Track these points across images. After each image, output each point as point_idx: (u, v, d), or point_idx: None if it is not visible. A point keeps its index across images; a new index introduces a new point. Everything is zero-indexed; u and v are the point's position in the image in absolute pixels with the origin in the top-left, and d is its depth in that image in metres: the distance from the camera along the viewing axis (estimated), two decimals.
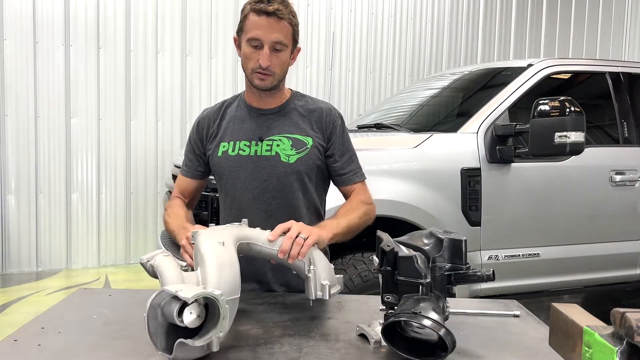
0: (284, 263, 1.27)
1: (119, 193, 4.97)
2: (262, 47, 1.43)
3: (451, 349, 0.98)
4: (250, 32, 1.44)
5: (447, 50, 6.42)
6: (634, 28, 7.60)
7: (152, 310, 0.95)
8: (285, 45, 1.46)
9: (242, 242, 1.22)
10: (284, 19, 1.43)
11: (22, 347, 1.06)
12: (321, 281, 1.23)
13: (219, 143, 1.56)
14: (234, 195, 1.55)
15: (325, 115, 1.58)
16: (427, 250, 1.16)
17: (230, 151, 1.54)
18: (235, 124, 1.57)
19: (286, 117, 1.56)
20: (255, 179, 1.52)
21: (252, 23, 1.43)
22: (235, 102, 1.64)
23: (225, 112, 1.61)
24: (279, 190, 1.52)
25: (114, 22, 4.86)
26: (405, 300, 1.09)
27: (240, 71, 1.59)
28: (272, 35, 1.42)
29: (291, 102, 1.60)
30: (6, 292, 4.12)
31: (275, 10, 1.41)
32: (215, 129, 1.59)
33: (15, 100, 4.56)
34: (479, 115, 2.89)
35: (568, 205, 2.98)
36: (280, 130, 1.54)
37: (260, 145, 1.53)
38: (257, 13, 1.42)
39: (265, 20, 1.41)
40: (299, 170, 1.52)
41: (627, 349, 0.62)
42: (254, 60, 1.46)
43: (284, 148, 1.52)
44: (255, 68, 1.46)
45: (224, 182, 1.57)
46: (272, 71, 1.47)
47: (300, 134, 1.54)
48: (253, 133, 1.54)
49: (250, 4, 1.45)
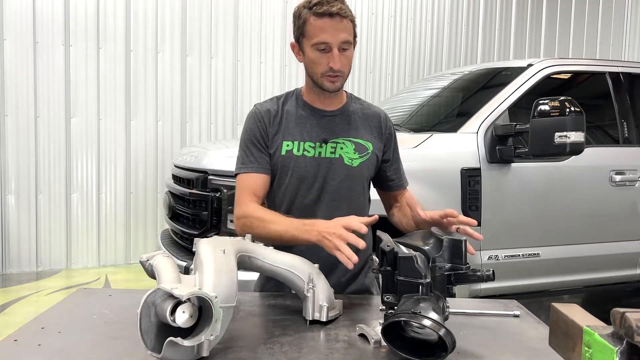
0: (286, 283, 1.27)
1: (119, 193, 4.97)
2: (330, 50, 1.41)
3: (451, 349, 0.98)
4: (316, 37, 1.41)
5: (447, 50, 6.42)
6: (634, 28, 7.60)
7: (146, 308, 0.94)
8: (350, 44, 1.44)
9: (243, 255, 1.22)
10: (347, 17, 1.41)
11: (22, 347, 1.06)
12: (319, 302, 1.22)
13: (281, 141, 1.52)
14: (295, 195, 1.53)
15: (383, 122, 1.61)
16: (427, 251, 1.16)
17: (295, 151, 1.51)
18: (299, 123, 1.54)
19: (348, 121, 1.56)
20: (318, 181, 1.52)
21: (316, 27, 1.41)
22: (292, 100, 1.59)
23: (283, 109, 1.57)
24: (340, 192, 1.52)
25: (114, 22, 4.86)
26: (405, 300, 1.09)
27: (240, 71, 1.59)
28: (339, 36, 1.40)
29: (350, 105, 1.60)
30: (6, 292, 4.12)
31: (339, 10, 1.39)
32: (277, 125, 1.54)
33: (15, 100, 4.56)
34: (479, 115, 2.89)
35: (568, 205, 2.98)
36: (344, 134, 1.54)
37: (324, 147, 1.52)
38: (319, 16, 1.40)
39: (329, 22, 1.39)
40: (362, 174, 1.54)
41: (627, 349, 0.62)
42: (323, 64, 1.44)
43: (347, 151, 1.53)
44: (325, 72, 1.44)
45: (285, 182, 1.53)
46: (342, 72, 1.45)
47: (362, 139, 1.55)
48: (317, 135, 1.53)
49: (307, 7, 1.42)
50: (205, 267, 1.04)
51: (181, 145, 5.08)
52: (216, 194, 2.57)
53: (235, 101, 5.35)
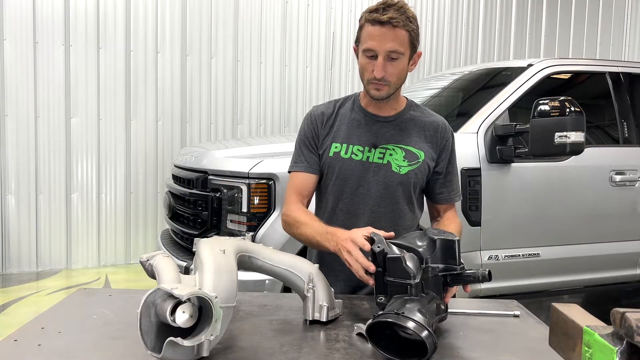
0: (286, 283, 1.28)
1: (119, 193, 4.97)
2: (377, 58, 1.41)
3: (431, 351, 0.98)
4: (365, 43, 1.42)
5: (447, 50, 6.42)
6: (634, 28, 7.61)
7: (146, 308, 0.94)
8: (401, 54, 1.42)
9: (243, 255, 1.22)
10: (399, 26, 1.39)
11: (22, 347, 1.06)
12: (319, 302, 1.22)
13: (331, 142, 1.54)
14: (339, 197, 1.54)
15: (441, 130, 1.58)
16: (421, 252, 1.15)
17: (342, 153, 1.52)
18: (350, 127, 1.55)
19: (402, 128, 1.55)
20: (363, 185, 1.52)
21: (367, 34, 1.42)
22: (349, 103, 1.61)
23: (338, 112, 1.58)
24: (384, 198, 1.52)
25: (114, 22, 4.86)
26: (394, 301, 1.09)
27: (240, 71, 1.59)
28: (385, 45, 1.40)
29: (407, 112, 1.58)
30: (6, 292, 4.12)
31: (390, 19, 1.38)
32: (328, 127, 1.56)
33: (15, 100, 4.55)
34: (479, 115, 2.89)
35: (568, 205, 2.98)
36: (394, 140, 1.53)
37: (373, 152, 1.52)
38: (371, 23, 1.41)
39: (379, 30, 1.39)
40: (409, 181, 1.53)
41: (627, 349, 0.62)
42: (369, 71, 1.44)
43: (396, 158, 1.52)
44: (371, 79, 1.45)
45: (330, 183, 1.55)
46: (387, 81, 1.45)
47: (414, 147, 1.54)
48: (367, 139, 1.53)
49: (366, 13, 1.43)
50: (205, 267, 1.04)
51: (181, 145, 5.08)
52: (216, 194, 2.57)
53: (235, 101, 5.35)
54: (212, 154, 2.84)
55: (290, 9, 5.55)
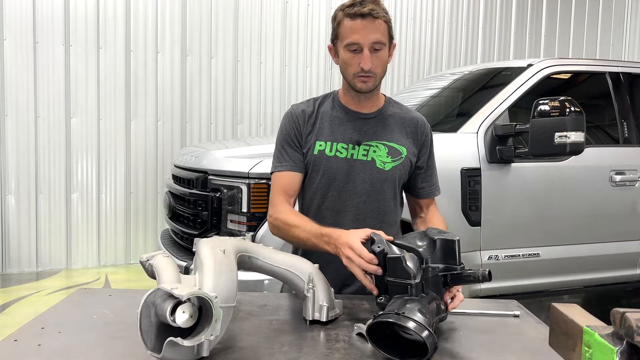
0: (286, 283, 1.28)
1: (119, 193, 4.97)
2: (362, 51, 1.42)
3: (432, 351, 0.98)
4: (347, 38, 1.43)
5: (447, 50, 6.42)
6: (634, 28, 7.61)
7: (146, 308, 0.94)
8: (383, 44, 1.44)
9: (243, 255, 1.22)
10: (379, 17, 1.41)
11: (22, 347, 1.06)
12: (319, 302, 1.22)
13: (315, 140, 1.54)
14: (325, 195, 1.54)
15: (420, 126, 1.60)
16: (421, 252, 1.15)
17: (327, 151, 1.53)
18: (333, 124, 1.55)
19: (384, 124, 1.56)
20: (349, 182, 1.52)
21: (348, 28, 1.42)
22: (328, 101, 1.61)
23: (319, 110, 1.58)
24: (370, 195, 1.53)
25: (114, 22, 4.86)
26: (394, 301, 1.09)
27: (240, 71, 1.59)
28: (370, 36, 1.41)
29: (387, 109, 1.59)
30: (6, 292, 4.12)
31: (370, 10, 1.39)
32: (310, 125, 1.56)
33: (15, 100, 4.55)
34: (479, 115, 2.89)
35: (568, 205, 2.98)
36: (377, 137, 1.54)
37: (357, 149, 1.53)
38: (351, 17, 1.41)
39: (361, 23, 1.40)
40: (393, 178, 1.54)
41: (627, 349, 0.62)
42: (354, 65, 1.45)
43: (380, 155, 1.53)
44: (357, 72, 1.45)
45: (315, 181, 1.55)
46: (373, 72, 1.46)
47: (396, 143, 1.55)
48: (351, 136, 1.54)
49: (342, 10, 1.44)
50: (205, 267, 1.04)
51: (181, 145, 5.08)
52: (216, 194, 2.57)
53: (235, 101, 5.35)
54: (212, 154, 2.84)
55: (290, 9, 5.54)
